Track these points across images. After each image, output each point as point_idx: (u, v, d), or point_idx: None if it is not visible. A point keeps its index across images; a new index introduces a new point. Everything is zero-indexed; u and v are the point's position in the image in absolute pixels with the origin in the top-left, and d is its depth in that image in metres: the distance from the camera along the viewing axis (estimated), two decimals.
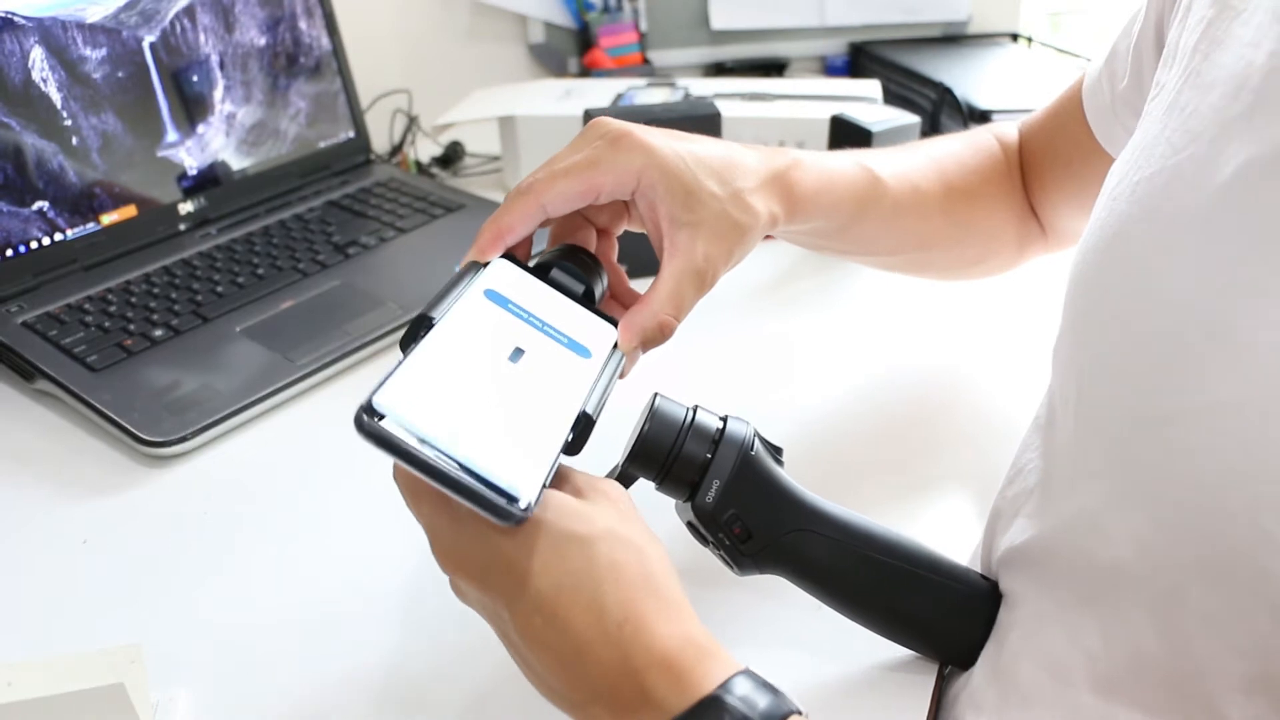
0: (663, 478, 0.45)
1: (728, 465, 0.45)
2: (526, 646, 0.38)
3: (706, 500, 0.45)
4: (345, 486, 0.65)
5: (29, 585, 0.59)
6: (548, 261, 0.47)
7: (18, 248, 0.80)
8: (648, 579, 0.37)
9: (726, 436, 0.45)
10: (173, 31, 0.88)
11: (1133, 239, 0.39)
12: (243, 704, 0.51)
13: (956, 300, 0.86)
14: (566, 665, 0.37)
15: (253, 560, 0.60)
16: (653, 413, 0.45)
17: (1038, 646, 0.43)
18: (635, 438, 0.45)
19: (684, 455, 0.45)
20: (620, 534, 0.38)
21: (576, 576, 0.36)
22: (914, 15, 1.35)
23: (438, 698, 0.51)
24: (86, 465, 0.68)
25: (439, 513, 0.38)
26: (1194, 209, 0.37)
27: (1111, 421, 0.40)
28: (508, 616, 0.38)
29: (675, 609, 0.37)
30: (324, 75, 1.01)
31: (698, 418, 0.46)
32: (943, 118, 1.14)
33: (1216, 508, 0.34)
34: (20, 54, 0.79)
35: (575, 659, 0.36)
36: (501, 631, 0.40)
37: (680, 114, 0.86)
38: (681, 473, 0.45)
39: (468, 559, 0.38)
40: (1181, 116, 0.39)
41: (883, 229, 0.59)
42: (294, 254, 0.88)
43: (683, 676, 0.35)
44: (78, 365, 0.73)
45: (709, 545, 0.47)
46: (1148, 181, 0.39)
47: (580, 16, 1.27)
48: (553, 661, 0.37)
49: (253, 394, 0.71)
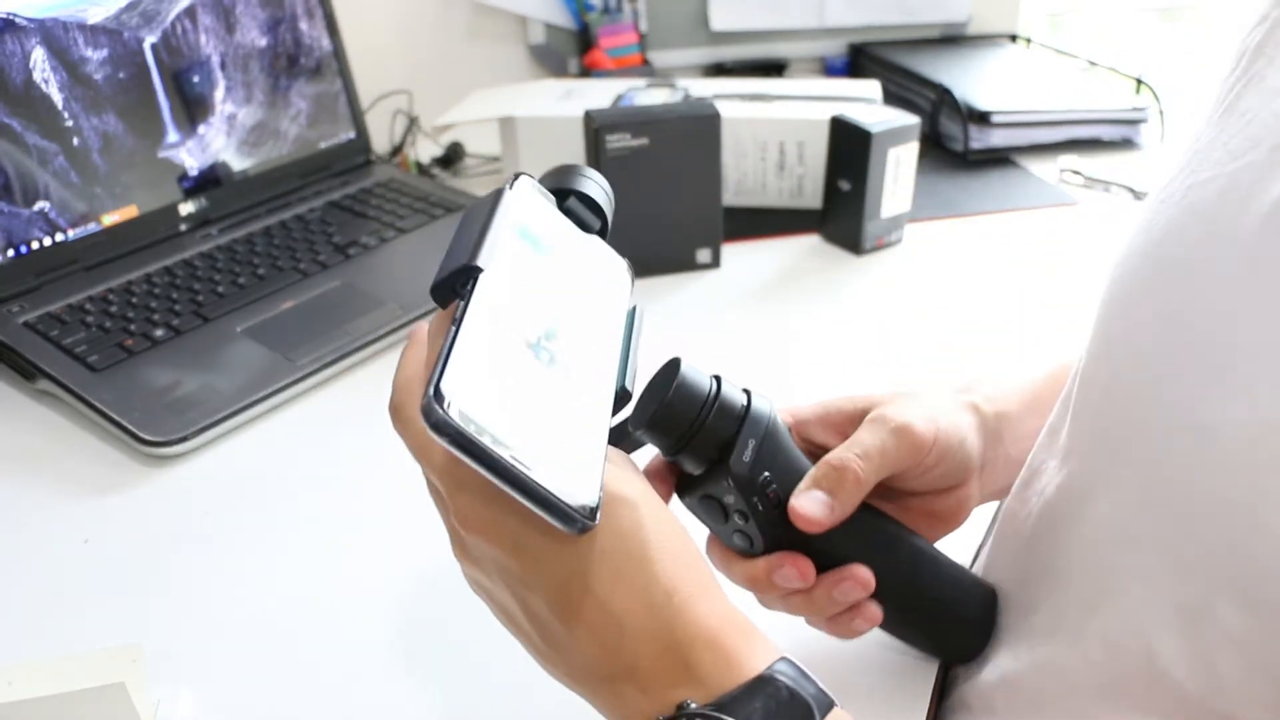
0: (679, 448, 0.42)
1: (760, 430, 0.42)
2: (559, 620, 0.34)
3: (744, 460, 0.42)
4: (346, 486, 0.66)
5: (29, 585, 0.59)
6: (565, 188, 0.41)
7: (19, 248, 0.80)
8: (686, 550, 0.36)
9: (754, 405, 0.43)
10: (174, 32, 0.88)
11: (1182, 244, 0.38)
12: (243, 704, 0.51)
13: (957, 301, 0.86)
14: (603, 637, 0.34)
15: (253, 560, 0.60)
16: (679, 381, 0.42)
17: (1051, 654, 0.42)
18: (656, 405, 0.42)
19: (709, 426, 0.42)
20: (655, 500, 0.36)
21: (626, 541, 0.34)
22: (913, 16, 1.35)
23: (439, 697, 0.51)
24: (87, 465, 0.68)
25: (462, 465, 0.34)
26: (1249, 219, 0.35)
27: (1145, 425, 0.38)
28: (541, 586, 0.34)
29: (710, 584, 0.36)
30: (324, 76, 1.01)
31: (724, 389, 0.43)
32: (942, 118, 1.14)
33: (1253, 527, 0.33)
34: (22, 55, 0.79)
35: (615, 630, 0.34)
36: (523, 605, 0.36)
37: (680, 115, 0.86)
38: (702, 444, 0.42)
39: (496, 523, 0.34)
40: (1242, 122, 0.38)
41: None
42: (294, 254, 0.88)
43: (730, 655, 0.34)
44: (79, 365, 0.73)
45: (729, 520, 0.44)
46: (1201, 187, 0.38)
47: (580, 17, 1.27)
48: (588, 634, 0.34)
49: (253, 394, 0.71)
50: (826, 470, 0.44)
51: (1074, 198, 1.02)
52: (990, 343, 0.80)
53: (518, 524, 0.34)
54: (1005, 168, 1.10)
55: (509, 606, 0.36)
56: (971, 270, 0.91)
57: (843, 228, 0.93)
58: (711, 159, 0.87)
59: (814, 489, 0.43)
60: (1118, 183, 1.04)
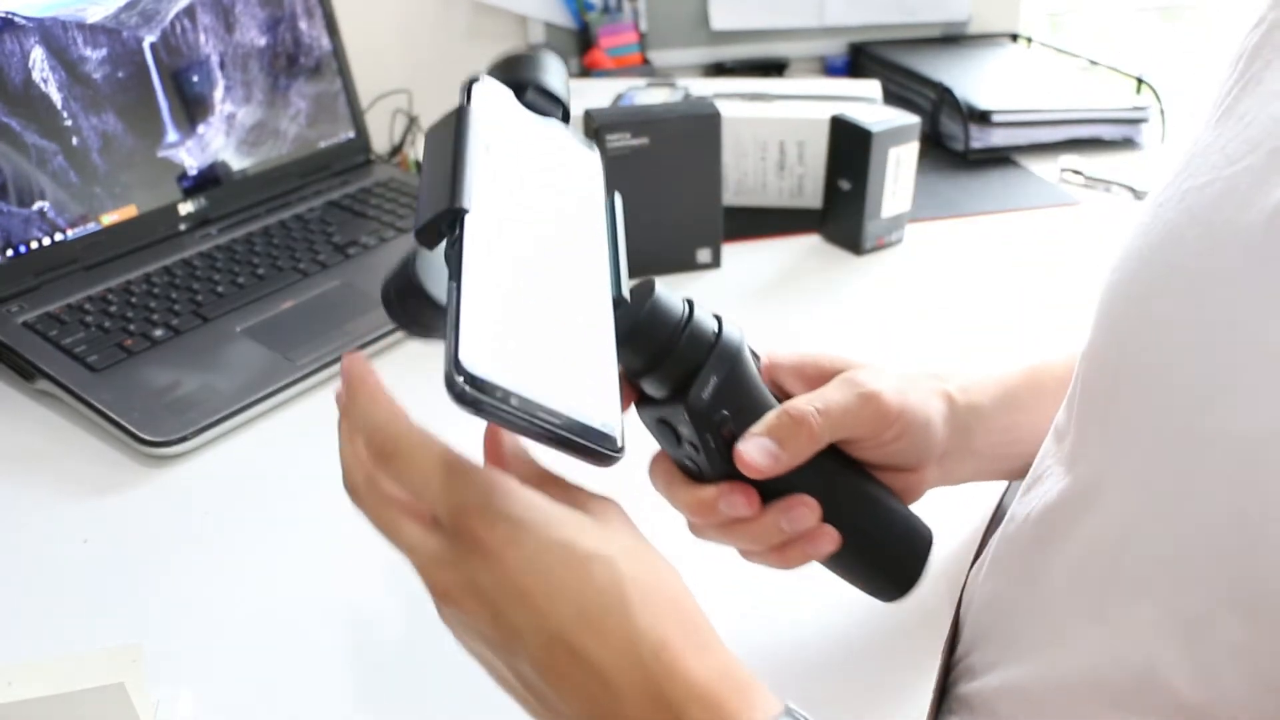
0: (643, 373, 0.42)
1: (725, 365, 0.42)
2: (547, 684, 0.34)
3: (703, 396, 0.42)
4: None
5: (29, 585, 0.59)
6: (521, 80, 0.40)
7: (18, 248, 0.80)
8: (676, 602, 0.35)
9: (724, 336, 0.42)
10: (173, 32, 0.88)
11: (1180, 249, 0.37)
12: (243, 704, 0.51)
13: (958, 301, 0.86)
14: (593, 701, 0.33)
15: (253, 560, 0.60)
16: (653, 302, 0.41)
17: (1053, 660, 0.42)
18: (627, 326, 0.41)
19: (677, 354, 0.41)
20: (640, 552, 0.36)
21: (605, 598, 0.33)
22: (914, 15, 1.35)
23: (440, 696, 0.51)
24: (87, 465, 0.68)
25: (430, 533, 0.35)
26: (1247, 225, 0.34)
27: (1147, 433, 0.37)
28: (525, 653, 0.34)
29: (706, 636, 0.35)
30: (324, 75, 1.01)
31: (696, 316, 0.42)
32: (943, 118, 1.14)
33: (1256, 537, 0.32)
34: (21, 54, 0.79)
35: (604, 693, 0.33)
36: (512, 671, 0.36)
37: (680, 114, 0.86)
38: (665, 373, 0.42)
39: (472, 589, 0.34)
40: (1240, 125, 0.37)
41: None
42: (294, 254, 0.88)
43: (723, 712, 0.33)
44: (78, 365, 0.73)
45: (681, 447, 0.44)
46: (1198, 191, 0.37)
47: (580, 17, 1.27)
48: (578, 698, 0.34)
49: (253, 394, 0.71)
50: (783, 419, 0.43)
51: (1075, 197, 1.02)
52: (990, 343, 0.79)
53: (491, 584, 0.33)
54: (1006, 167, 1.10)
55: (499, 670, 0.36)
56: (972, 270, 0.91)
57: (843, 227, 0.93)
58: (712, 159, 0.86)
59: (765, 436, 0.43)
60: (1118, 182, 1.04)
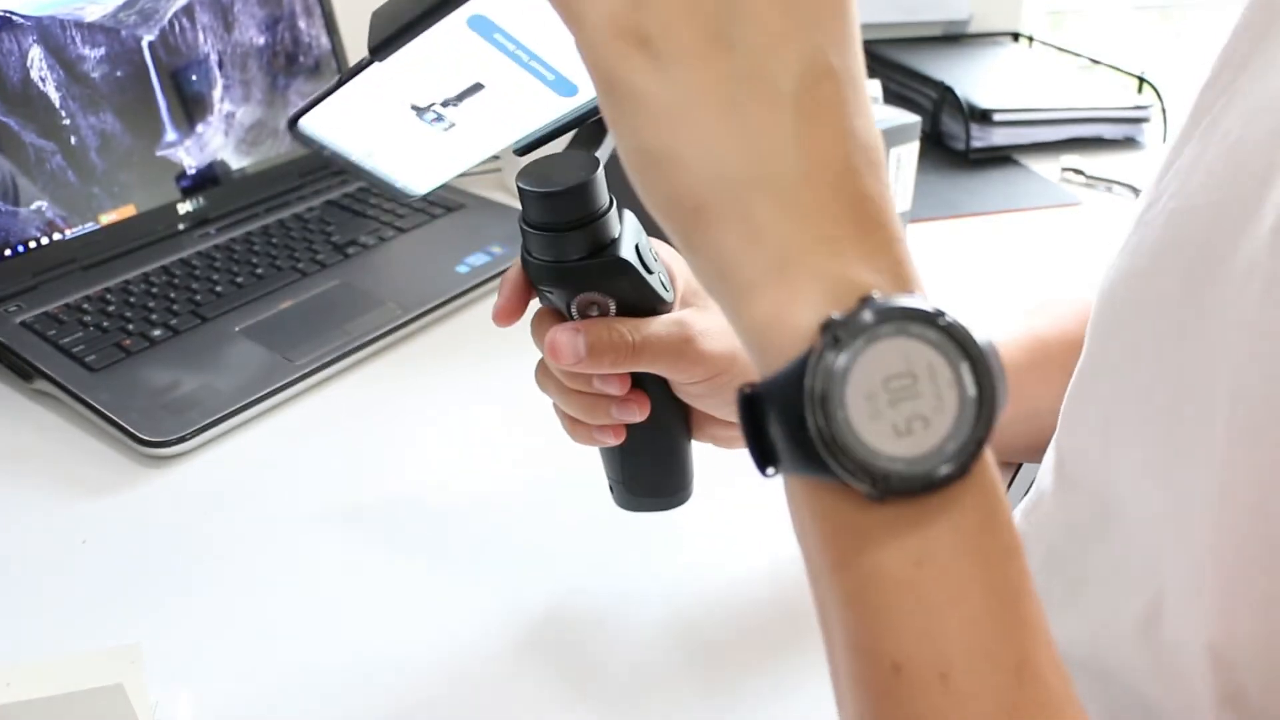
0: (545, 229, 0.42)
1: (612, 267, 0.43)
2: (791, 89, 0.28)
3: (585, 282, 0.44)
4: (345, 486, 0.65)
5: (27, 586, 0.58)
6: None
7: (16, 247, 0.80)
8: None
9: (624, 232, 0.44)
10: (172, 31, 0.88)
11: (1166, 275, 0.36)
12: (243, 704, 0.51)
13: (958, 301, 0.85)
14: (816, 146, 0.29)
15: (252, 560, 0.60)
16: (594, 180, 0.42)
17: None
18: (556, 184, 0.42)
19: (585, 233, 0.42)
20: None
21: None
22: (914, 14, 1.35)
23: (440, 696, 0.51)
24: (86, 465, 0.68)
25: None
26: (1237, 255, 0.32)
27: (1144, 460, 0.36)
28: (786, 53, 0.28)
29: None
30: (323, 74, 1.01)
31: (615, 210, 0.44)
32: (943, 117, 1.14)
33: (1260, 570, 0.31)
34: (19, 53, 0.79)
35: (844, 138, 0.30)
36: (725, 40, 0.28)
37: None
38: (563, 243, 0.42)
39: None
40: (1226, 142, 0.35)
41: None
42: (293, 254, 0.87)
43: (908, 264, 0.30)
44: (76, 365, 0.73)
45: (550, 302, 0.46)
46: (1184, 214, 0.36)
47: None
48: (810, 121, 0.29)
49: (252, 394, 0.71)
50: (607, 331, 0.45)
51: (1076, 197, 1.02)
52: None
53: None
54: (1007, 167, 1.10)
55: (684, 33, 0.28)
56: (972, 270, 0.91)
57: None
58: None
59: (581, 335, 0.44)
60: (1120, 182, 1.04)
